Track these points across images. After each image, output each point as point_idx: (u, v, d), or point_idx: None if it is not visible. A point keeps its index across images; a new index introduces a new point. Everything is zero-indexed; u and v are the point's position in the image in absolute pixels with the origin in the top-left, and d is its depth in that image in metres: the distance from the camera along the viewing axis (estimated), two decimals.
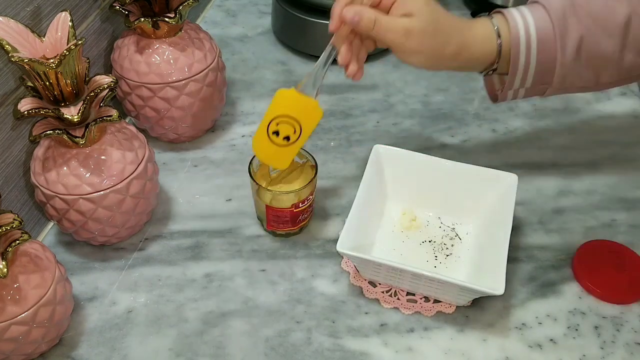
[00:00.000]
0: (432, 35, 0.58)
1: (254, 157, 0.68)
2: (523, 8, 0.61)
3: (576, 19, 0.59)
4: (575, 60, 0.60)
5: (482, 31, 0.61)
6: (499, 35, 0.60)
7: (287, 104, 0.63)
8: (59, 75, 0.57)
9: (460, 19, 0.61)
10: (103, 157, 0.63)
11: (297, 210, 0.67)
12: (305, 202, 0.67)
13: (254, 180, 0.66)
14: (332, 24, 0.59)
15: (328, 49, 0.61)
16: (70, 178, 0.61)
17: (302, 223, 0.70)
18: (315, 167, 0.68)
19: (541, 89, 0.63)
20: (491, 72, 0.63)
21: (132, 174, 0.64)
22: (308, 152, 0.69)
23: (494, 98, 0.67)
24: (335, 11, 0.58)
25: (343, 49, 0.60)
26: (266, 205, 0.67)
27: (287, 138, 0.63)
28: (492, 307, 0.64)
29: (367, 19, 0.57)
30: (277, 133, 0.63)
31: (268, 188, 0.66)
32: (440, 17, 0.59)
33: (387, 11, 0.59)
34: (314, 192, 0.69)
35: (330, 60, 0.61)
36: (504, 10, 0.61)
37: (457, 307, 0.64)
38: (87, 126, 0.59)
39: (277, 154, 0.64)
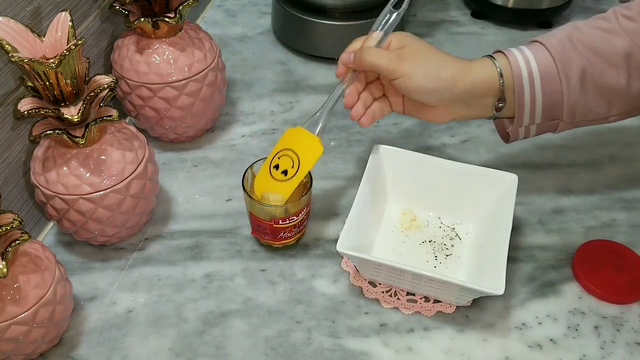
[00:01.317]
0: (425, 58, 0.61)
1: (256, 161, 0.68)
2: (522, 47, 0.62)
3: (576, 51, 0.60)
4: (582, 92, 0.60)
5: (481, 61, 0.62)
6: (500, 74, 0.61)
7: (290, 139, 0.64)
8: (59, 75, 0.57)
9: (458, 57, 0.63)
10: (103, 157, 0.63)
11: (276, 226, 0.65)
12: (287, 221, 0.65)
13: (242, 184, 0.66)
14: (338, 69, 0.65)
15: (335, 90, 0.64)
16: (70, 178, 0.61)
17: (285, 241, 0.68)
18: (307, 188, 0.65)
19: (552, 125, 0.63)
20: (500, 106, 0.62)
21: (132, 174, 0.64)
22: (309, 173, 0.66)
23: (506, 138, 0.67)
24: (340, 59, 0.64)
25: (349, 90, 0.64)
26: (249, 211, 0.67)
27: (285, 172, 0.64)
28: (492, 307, 0.64)
29: (358, 52, 0.62)
30: (277, 167, 0.64)
31: (250, 195, 0.65)
32: (432, 48, 0.62)
33: None
34: (302, 213, 0.66)
35: (337, 101, 0.64)
36: (503, 50, 0.62)
37: (457, 307, 0.64)
38: (87, 126, 0.59)
39: (274, 189, 0.64)
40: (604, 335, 0.62)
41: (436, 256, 0.67)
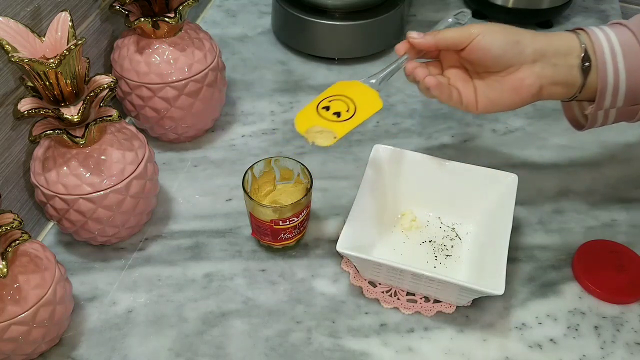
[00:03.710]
0: (506, 31, 0.59)
1: (256, 162, 0.68)
2: (602, 26, 0.60)
3: None
4: None
5: (562, 35, 0.60)
6: (581, 41, 0.59)
7: (344, 88, 0.59)
8: (59, 75, 0.57)
9: None
10: (103, 157, 0.63)
11: (277, 227, 0.65)
12: (288, 222, 0.65)
13: (243, 185, 0.65)
14: (399, 44, 0.62)
15: (398, 59, 0.62)
16: (70, 178, 0.61)
17: (286, 242, 0.68)
18: (308, 189, 0.65)
19: (633, 111, 0.61)
20: (586, 66, 0.59)
21: (132, 174, 0.64)
22: (309, 173, 0.66)
23: (579, 125, 0.65)
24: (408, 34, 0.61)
25: (410, 63, 0.61)
26: (250, 212, 0.67)
27: (338, 115, 0.58)
28: (492, 307, 0.64)
29: (430, 34, 0.61)
30: (327, 108, 0.58)
31: (251, 196, 0.65)
32: (511, 26, 0.60)
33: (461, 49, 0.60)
34: (303, 214, 0.66)
35: (401, 67, 0.61)
36: (584, 27, 0.60)
37: (457, 307, 0.64)
38: (87, 126, 0.59)
39: (326, 125, 0.58)
40: (604, 335, 0.62)
41: (436, 256, 0.67)
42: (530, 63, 0.59)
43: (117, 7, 0.71)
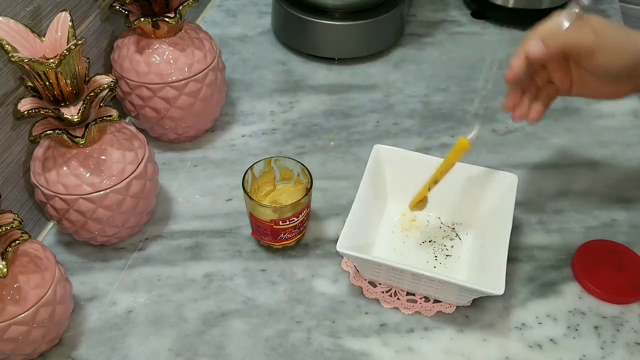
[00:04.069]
0: (624, 50, 0.55)
1: (256, 162, 0.68)
2: None
3: None
4: None
5: None
6: None
7: (459, 157, 0.64)
8: (59, 75, 0.57)
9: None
10: (103, 157, 0.63)
11: (277, 227, 0.65)
12: (288, 222, 0.65)
13: (243, 185, 0.65)
14: (509, 73, 0.56)
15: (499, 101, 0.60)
16: (70, 178, 0.61)
17: (286, 242, 0.68)
18: (308, 190, 0.65)
19: None
20: None
21: (132, 174, 0.64)
22: (309, 173, 0.66)
23: None
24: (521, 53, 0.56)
25: (512, 91, 0.59)
26: (250, 212, 0.67)
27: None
28: (492, 307, 0.64)
29: (549, 36, 0.54)
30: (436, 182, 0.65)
31: (251, 196, 0.65)
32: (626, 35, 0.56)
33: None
34: (303, 214, 0.66)
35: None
36: None
37: (457, 307, 0.64)
38: (87, 126, 0.59)
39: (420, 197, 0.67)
40: (604, 335, 0.62)
41: (436, 256, 0.67)
42: (633, 78, 0.57)
43: (117, 7, 0.71)
